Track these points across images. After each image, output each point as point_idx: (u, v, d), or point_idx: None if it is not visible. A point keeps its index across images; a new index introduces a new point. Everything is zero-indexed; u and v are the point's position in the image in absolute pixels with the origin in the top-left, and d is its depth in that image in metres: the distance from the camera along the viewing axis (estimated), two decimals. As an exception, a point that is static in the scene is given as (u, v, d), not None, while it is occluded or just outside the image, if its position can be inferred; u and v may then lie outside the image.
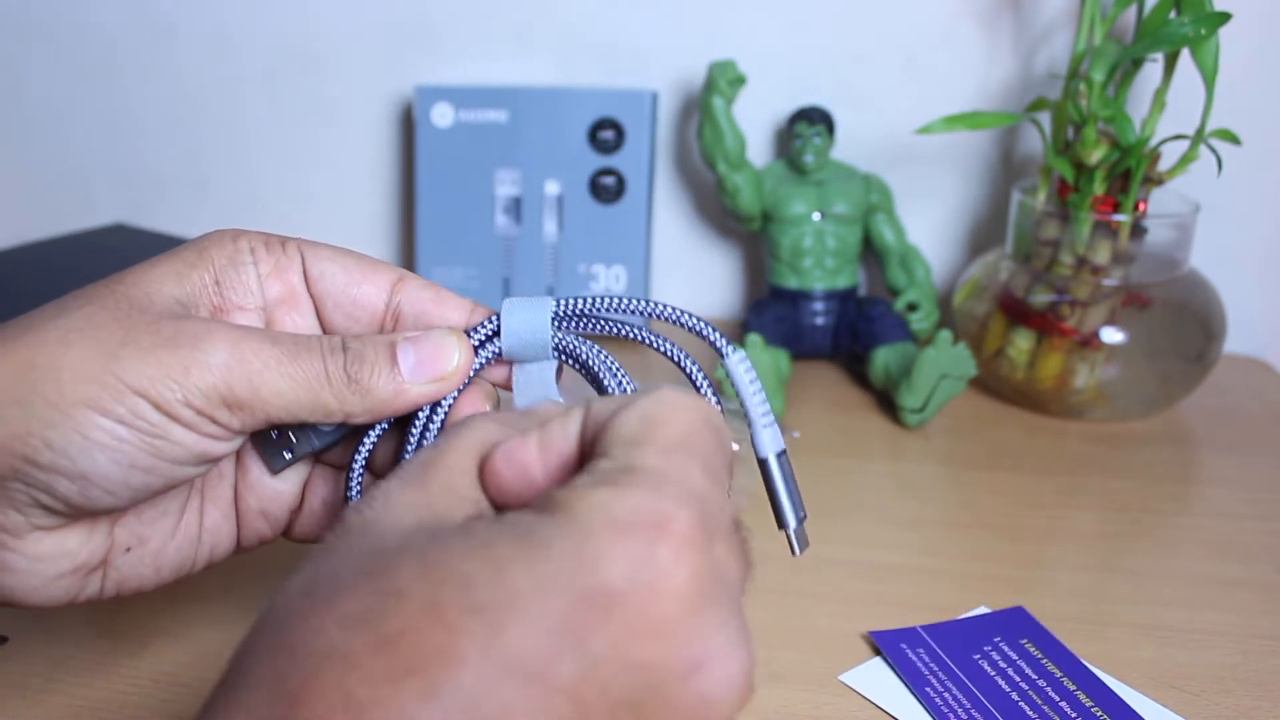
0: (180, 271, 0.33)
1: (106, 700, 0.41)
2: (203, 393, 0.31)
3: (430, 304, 0.36)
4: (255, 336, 0.32)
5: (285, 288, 0.35)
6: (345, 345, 0.33)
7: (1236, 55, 0.64)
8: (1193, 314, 0.64)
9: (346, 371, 0.33)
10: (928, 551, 0.52)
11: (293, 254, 0.36)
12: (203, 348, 0.31)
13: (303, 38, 0.82)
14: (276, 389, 0.32)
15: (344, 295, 0.36)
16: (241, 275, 0.35)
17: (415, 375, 0.34)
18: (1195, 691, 0.42)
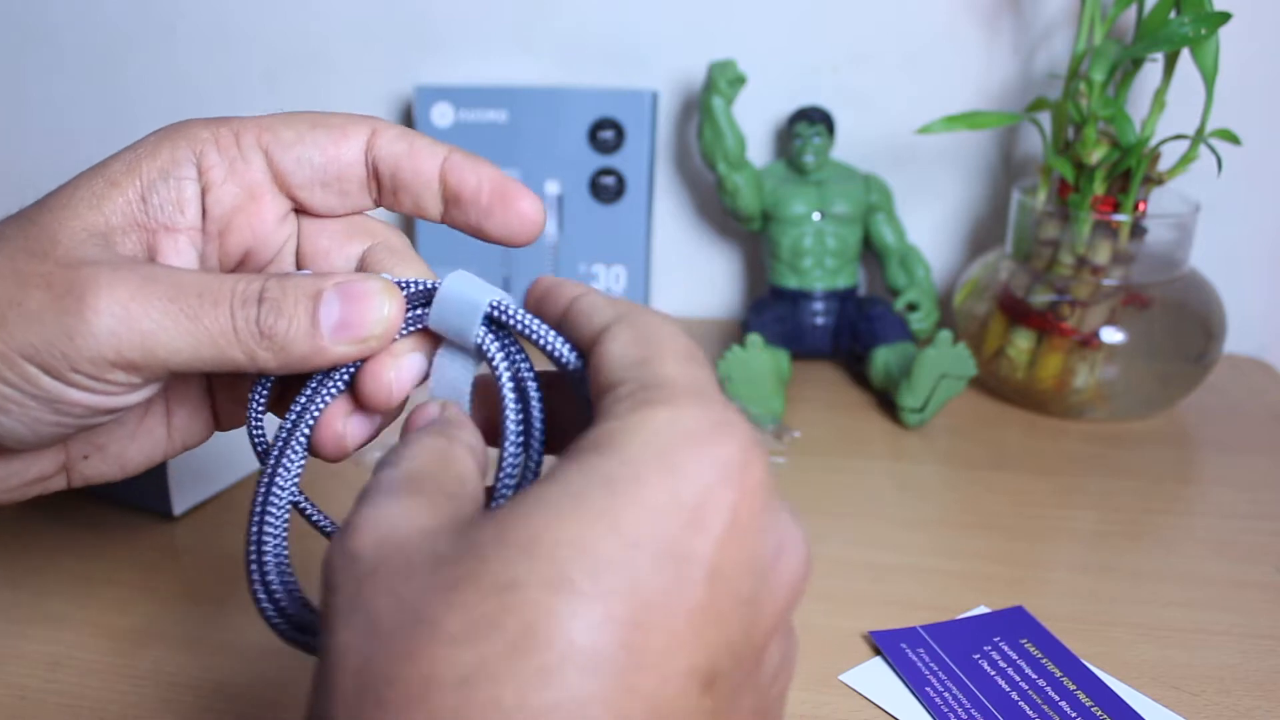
0: (100, 192, 0.31)
1: (106, 700, 0.41)
2: (90, 359, 0.29)
3: (403, 158, 0.33)
4: (153, 291, 0.29)
5: (243, 192, 0.32)
6: (262, 295, 0.30)
7: (1236, 55, 0.64)
8: (1193, 314, 0.64)
9: (259, 326, 0.30)
10: (928, 551, 0.52)
11: (253, 157, 0.32)
12: (88, 312, 0.28)
13: (303, 38, 0.82)
14: (173, 348, 0.29)
15: (322, 176, 0.33)
16: (173, 190, 0.31)
17: (336, 335, 0.30)
18: (1195, 691, 0.42)
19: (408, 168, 0.33)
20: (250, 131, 0.32)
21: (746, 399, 0.63)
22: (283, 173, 0.33)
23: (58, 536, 0.52)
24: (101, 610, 0.46)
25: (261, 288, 0.30)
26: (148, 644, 0.44)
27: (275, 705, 0.41)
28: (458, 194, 0.33)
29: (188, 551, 0.51)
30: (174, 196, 0.31)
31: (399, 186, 0.33)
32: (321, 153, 0.33)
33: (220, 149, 0.32)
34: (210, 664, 0.43)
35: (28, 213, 0.31)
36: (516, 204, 0.33)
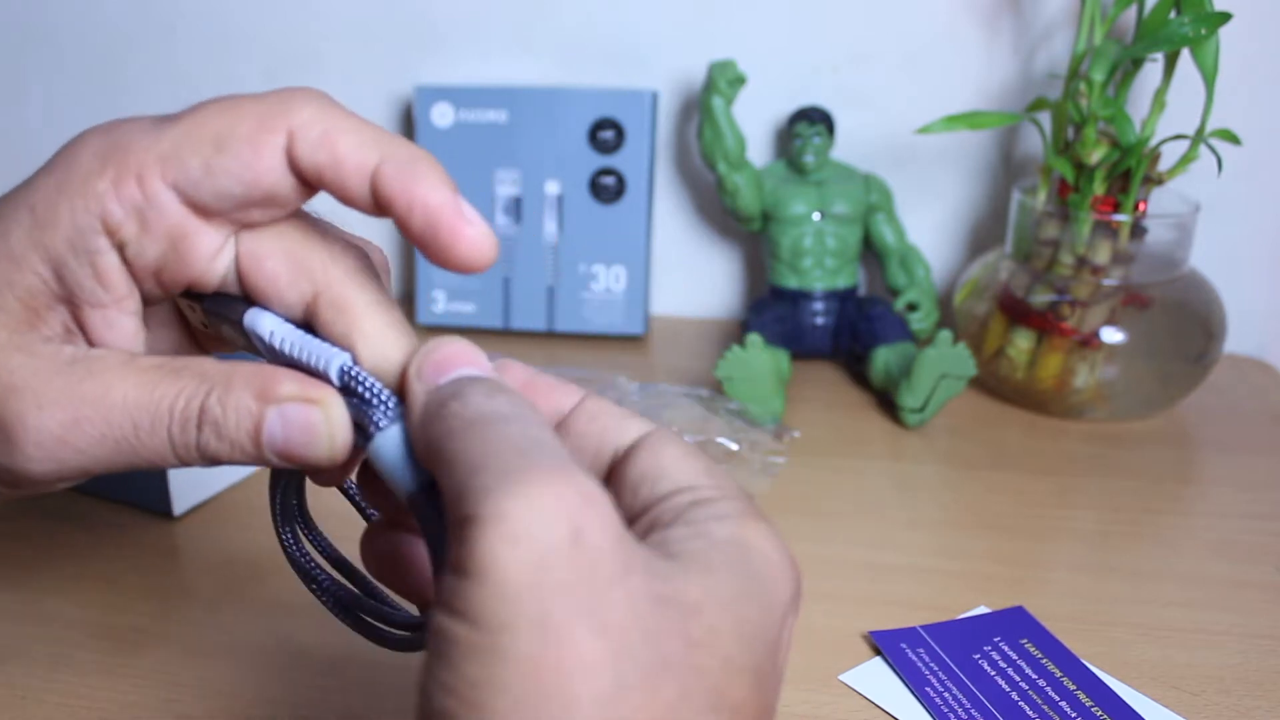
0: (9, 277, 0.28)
1: (106, 700, 0.41)
2: (28, 484, 0.28)
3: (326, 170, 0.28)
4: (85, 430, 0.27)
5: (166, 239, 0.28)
6: (201, 418, 0.27)
7: (1236, 55, 0.64)
8: (1193, 314, 0.64)
9: (196, 448, 0.28)
10: (928, 551, 0.52)
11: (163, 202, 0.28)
12: (17, 455, 0.27)
13: (303, 38, 0.82)
14: (106, 465, 0.28)
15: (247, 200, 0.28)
16: (86, 267, 0.28)
17: (279, 457, 0.28)
18: (1195, 691, 0.42)
19: (333, 181, 0.28)
20: (153, 170, 0.27)
21: (746, 399, 0.63)
22: (202, 206, 0.28)
23: (58, 536, 0.52)
24: (101, 610, 0.46)
25: (201, 407, 0.27)
26: (148, 644, 0.44)
27: (276, 704, 0.41)
28: (388, 213, 0.28)
29: (188, 551, 0.51)
30: (90, 274, 0.28)
31: (333, 194, 0.28)
32: (238, 181, 0.28)
33: (122, 200, 0.27)
34: (210, 664, 0.43)
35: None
36: (453, 235, 0.27)
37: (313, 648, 0.44)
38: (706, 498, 0.25)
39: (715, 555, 0.24)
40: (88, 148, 0.28)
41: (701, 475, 0.26)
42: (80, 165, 0.28)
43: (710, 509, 0.25)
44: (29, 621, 0.45)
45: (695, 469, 0.26)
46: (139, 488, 0.53)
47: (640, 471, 0.26)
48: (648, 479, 0.26)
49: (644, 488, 0.26)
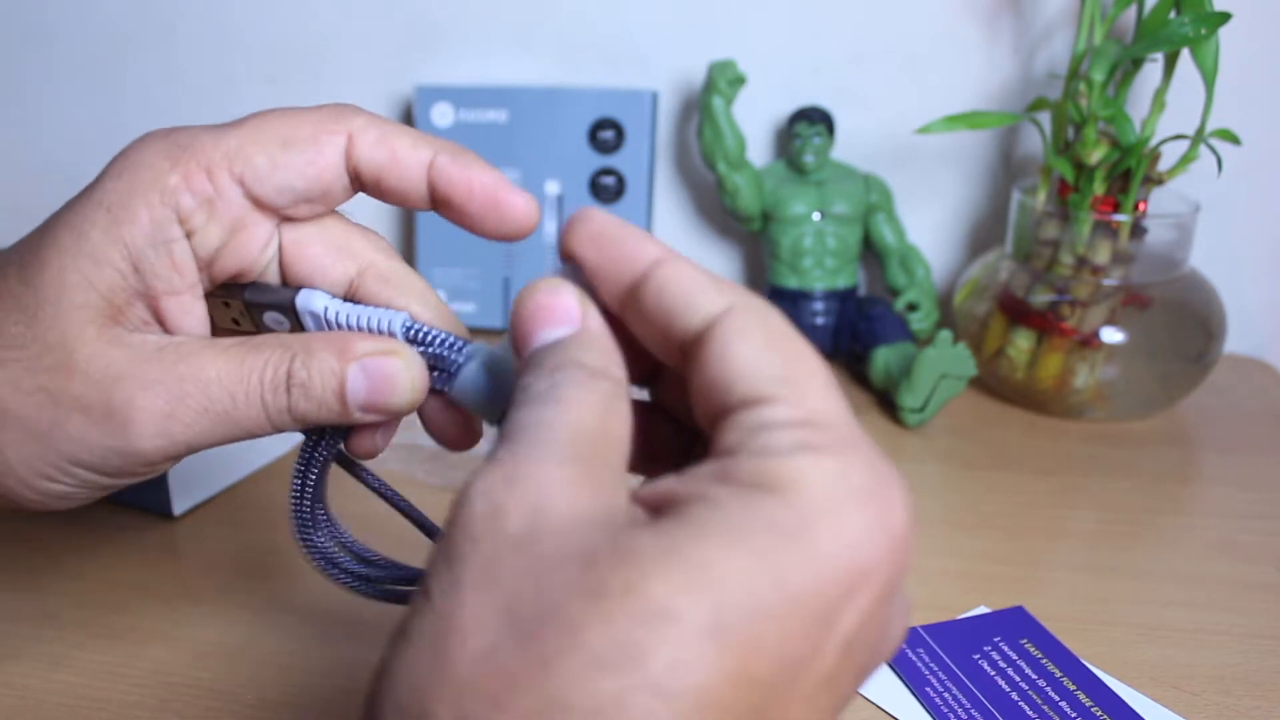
0: (90, 273, 0.30)
1: (106, 700, 0.41)
2: (141, 464, 0.31)
3: (387, 166, 0.31)
4: (188, 405, 0.30)
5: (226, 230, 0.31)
6: (290, 381, 0.30)
7: (1236, 55, 0.64)
8: (1193, 314, 0.64)
9: (290, 413, 0.31)
10: (928, 551, 0.52)
11: (230, 194, 0.31)
12: (131, 436, 0.30)
13: (303, 38, 0.82)
14: (211, 441, 0.31)
15: (306, 196, 0.32)
16: (164, 257, 0.31)
17: (365, 411, 0.31)
18: (1195, 691, 0.42)
19: (393, 175, 0.31)
20: (221, 166, 0.30)
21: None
22: (262, 200, 0.31)
23: (58, 536, 0.52)
24: (101, 610, 0.46)
25: (290, 371, 0.30)
26: (148, 644, 0.44)
27: (276, 705, 0.41)
28: (447, 199, 0.32)
29: (188, 551, 0.51)
30: (168, 263, 0.31)
31: (384, 190, 0.32)
32: (300, 176, 0.31)
33: (194, 192, 0.30)
34: (210, 664, 0.43)
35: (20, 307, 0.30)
36: (509, 206, 0.31)
37: (313, 648, 0.44)
38: (773, 421, 0.22)
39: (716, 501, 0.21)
40: (152, 150, 0.31)
41: (779, 383, 0.23)
42: (149, 165, 0.30)
43: (768, 438, 0.22)
44: (29, 621, 0.45)
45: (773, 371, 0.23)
46: (139, 488, 0.53)
47: (709, 377, 0.24)
48: (716, 389, 0.23)
49: (713, 399, 0.23)
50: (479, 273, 0.77)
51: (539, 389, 0.24)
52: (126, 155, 0.31)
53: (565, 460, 0.22)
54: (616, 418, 0.24)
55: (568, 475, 0.22)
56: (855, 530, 0.21)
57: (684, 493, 0.22)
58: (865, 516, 0.21)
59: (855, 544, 0.21)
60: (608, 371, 0.25)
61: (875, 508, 0.21)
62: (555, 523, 0.21)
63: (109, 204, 0.30)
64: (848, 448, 0.22)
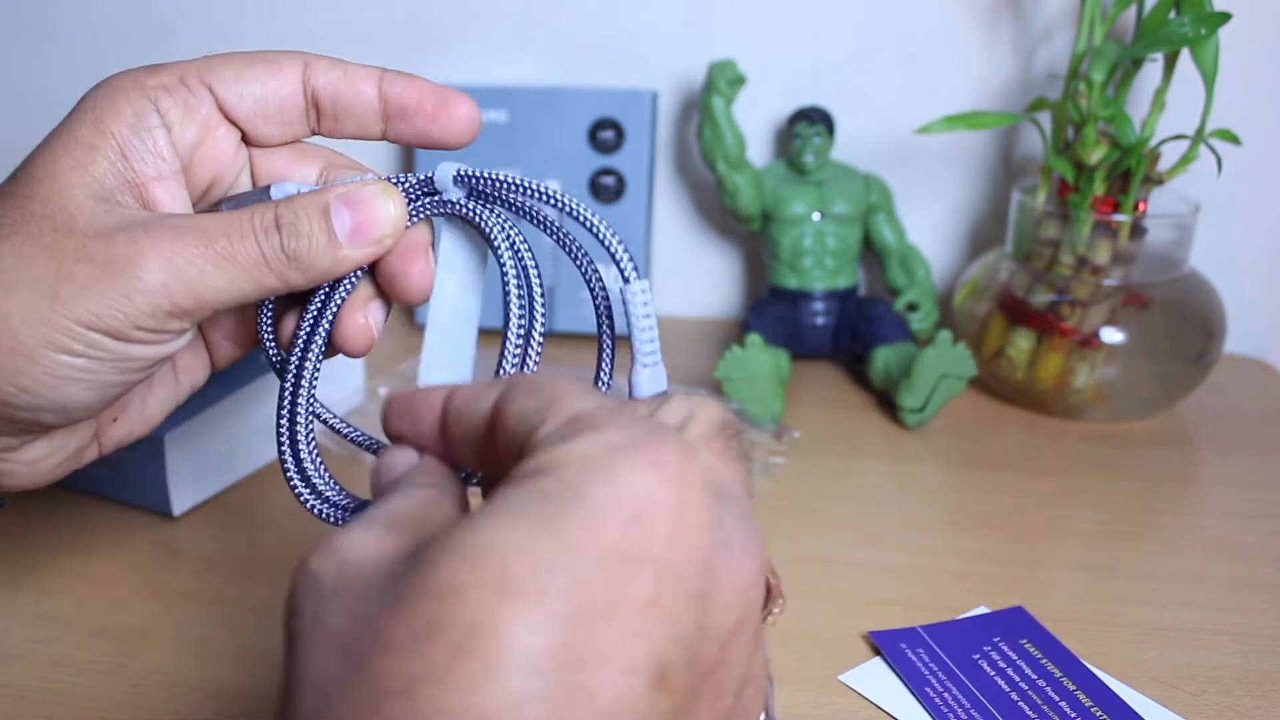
0: (81, 158, 0.33)
1: (106, 700, 0.41)
2: (149, 314, 0.31)
3: (341, 82, 0.35)
4: (187, 241, 0.31)
5: (200, 128, 0.35)
6: (279, 222, 0.33)
7: (1236, 55, 0.64)
8: (1193, 314, 0.64)
9: (284, 251, 0.33)
10: (928, 551, 0.52)
11: (201, 94, 0.34)
12: (138, 272, 0.31)
13: (303, 38, 0.82)
14: (218, 288, 0.32)
15: (264, 108, 0.35)
16: (148, 143, 0.33)
17: (353, 240, 0.33)
18: (1195, 691, 0.42)
19: (348, 91, 0.35)
20: (193, 72, 0.34)
21: (746, 399, 0.63)
22: (227, 106, 0.35)
23: (57, 536, 0.52)
24: (101, 610, 0.46)
25: (275, 214, 0.32)
26: (148, 644, 0.44)
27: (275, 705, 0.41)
28: (402, 107, 0.35)
29: (188, 551, 0.51)
30: (151, 148, 0.33)
31: (340, 111, 0.35)
32: (261, 85, 0.35)
33: (171, 92, 0.34)
34: (210, 664, 0.43)
35: (16, 194, 0.32)
36: (456, 108, 0.36)
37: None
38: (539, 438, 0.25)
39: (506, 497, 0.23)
40: (131, 70, 0.34)
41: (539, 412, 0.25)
42: (129, 77, 0.34)
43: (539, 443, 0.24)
44: (29, 621, 0.45)
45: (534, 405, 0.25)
46: (139, 488, 0.53)
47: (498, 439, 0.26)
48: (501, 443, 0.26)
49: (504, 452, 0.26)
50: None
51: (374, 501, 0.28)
52: (103, 81, 0.34)
53: (371, 524, 0.25)
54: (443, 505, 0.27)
55: (371, 534, 0.24)
56: (624, 474, 0.22)
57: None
58: (631, 461, 0.23)
59: (628, 483, 0.22)
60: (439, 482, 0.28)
61: (641, 451, 0.23)
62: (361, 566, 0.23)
63: (92, 106, 0.33)
64: (604, 419, 0.24)
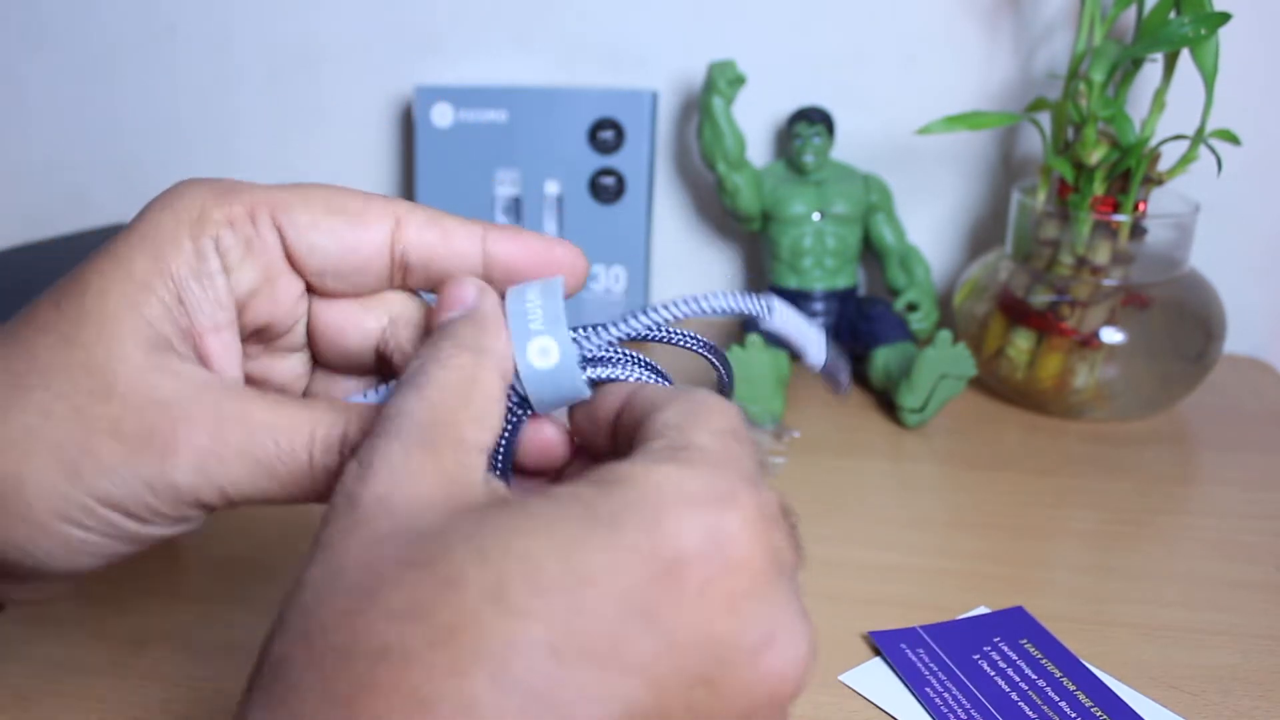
0: (135, 298, 0.29)
1: (106, 700, 0.41)
2: (171, 504, 0.29)
3: (438, 247, 0.31)
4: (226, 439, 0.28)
5: (260, 274, 0.30)
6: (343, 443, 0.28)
7: (1236, 55, 0.64)
8: (1193, 314, 0.64)
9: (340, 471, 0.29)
10: (928, 551, 0.52)
11: (269, 236, 0.30)
12: (168, 465, 0.28)
13: (303, 38, 0.82)
14: (244, 489, 0.29)
15: (338, 267, 0.31)
16: (208, 290, 0.30)
17: None
18: (1195, 691, 0.42)
19: (446, 254, 0.31)
20: (264, 209, 0.30)
21: (746, 399, 0.63)
22: (296, 255, 0.31)
23: (58, 536, 0.52)
24: (101, 610, 0.46)
25: (343, 434, 0.28)
26: (148, 644, 0.44)
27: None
28: (509, 268, 0.31)
29: (188, 551, 0.51)
30: (210, 296, 0.30)
31: (434, 274, 0.31)
32: (339, 241, 0.30)
33: (235, 229, 0.30)
34: (210, 664, 0.43)
35: (61, 327, 0.29)
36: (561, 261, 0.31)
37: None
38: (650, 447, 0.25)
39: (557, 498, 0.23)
40: (197, 187, 0.30)
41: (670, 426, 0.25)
42: (195, 202, 0.30)
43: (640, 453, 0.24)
44: (29, 621, 0.45)
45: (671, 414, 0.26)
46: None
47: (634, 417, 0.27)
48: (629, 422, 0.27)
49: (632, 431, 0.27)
50: (479, 273, 0.77)
51: (410, 372, 0.27)
52: (170, 191, 0.30)
53: (411, 447, 0.24)
54: (478, 389, 0.26)
55: (412, 463, 0.24)
56: (672, 525, 0.22)
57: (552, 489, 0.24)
58: (685, 515, 0.22)
59: (669, 536, 0.22)
60: (477, 344, 0.27)
61: (702, 511, 0.22)
62: (394, 508, 0.23)
63: (152, 235, 0.29)
64: (701, 461, 0.23)
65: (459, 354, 0.27)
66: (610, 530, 0.22)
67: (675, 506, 0.22)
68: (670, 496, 0.22)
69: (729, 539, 0.22)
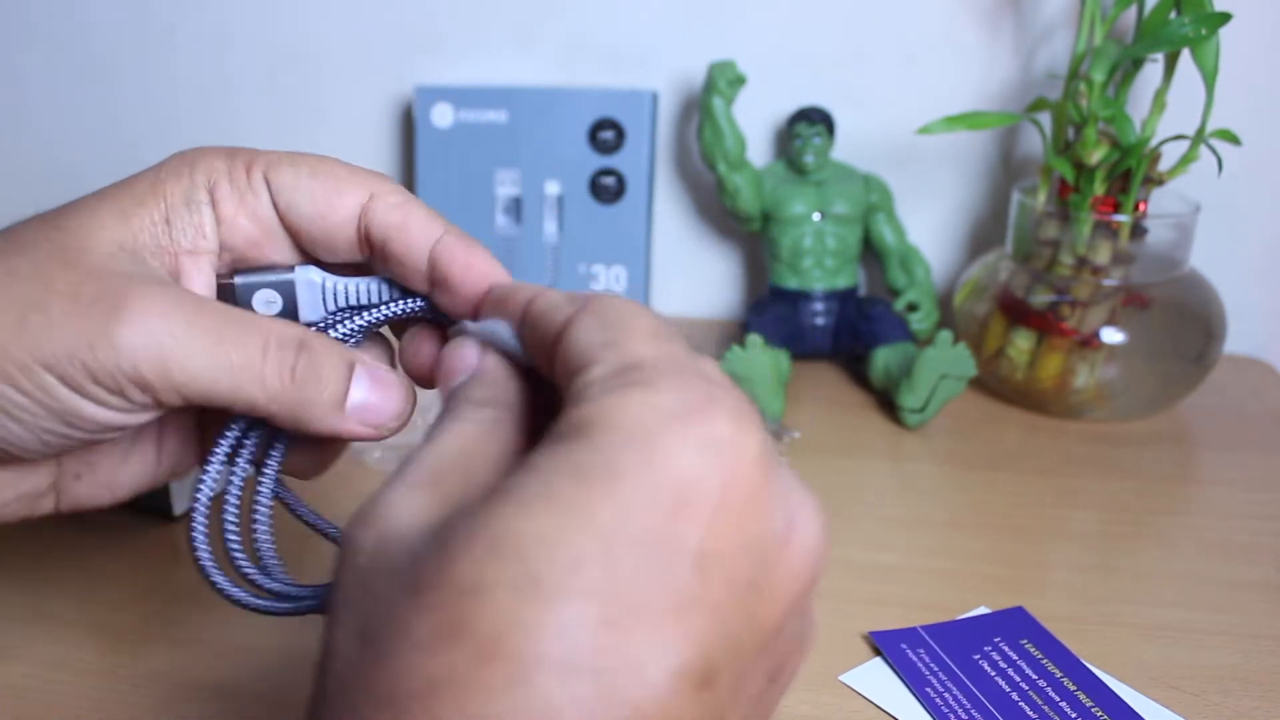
0: (126, 210, 0.31)
1: (106, 700, 0.41)
2: (109, 371, 0.28)
3: (395, 230, 0.32)
4: (185, 312, 0.29)
5: (257, 225, 0.32)
6: (302, 343, 0.30)
7: (1236, 55, 0.64)
8: (1193, 314, 0.64)
9: (291, 375, 0.30)
10: (928, 551, 0.52)
11: (259, 187, 0.32)
12: (113, 323, 0.28)
13: (303, 38, 0.82)
14: (192, 372, 0.29)
15: (315, 227, 0.32)
16: (194, 216, 0.32)
17: (357, 414, 0.31)
18: (1195, 691, 0.42)
19: (398, 241, 0.32)
20: (259, 165, 0.32)
21: (746, 399, 0.63)
22: (280, 212, 0.33)
23: (57, 536, 0.52)
24: (101, 610, 0.46)
25: (302, 337, 0.30)
26: (148, 644, 0.44)
27: (276, 706, 0.41)
28: (445, 279, 0.31)
29: (188, 551, 0.51)
30: (195, 221, 0.32)
31: (387, 256, 0.32)
32: (312, 205, 0.32)
33: (232, 177, 0.32)
34: (210, 664, 0.43)
35: (51, 218, 0.31)
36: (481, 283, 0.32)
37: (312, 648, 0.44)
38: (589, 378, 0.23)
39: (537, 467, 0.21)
40: (212, 149, 0.33)
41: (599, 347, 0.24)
42: (205, 151, 0.33)
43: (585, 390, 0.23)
44: (29, 621, 0.45)
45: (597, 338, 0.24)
46: (139, 488, 0.53)
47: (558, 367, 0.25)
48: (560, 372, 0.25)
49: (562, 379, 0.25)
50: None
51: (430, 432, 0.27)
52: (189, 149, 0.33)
53: (414, 484, 0.24)
54: (493, 437, 0.26)
55: (413, 497, 0.24)
56: (666, 450, 0.21)
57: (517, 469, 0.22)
58: (678, 435, 0.21)
59: (667, 463, 0.21)
60: (494, 400, 0.27)
61: (688, 423, 0.21)
62: (396, 540, 0.22)
63: (161, 170, 0.32)
64: (661, 375, 0.22)
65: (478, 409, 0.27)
66: (611, 478, 0.21)
67: (663, 430, 0.21)
68: (655, 421, 0.21)
69: (725, 443, 0.21)
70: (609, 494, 0.20)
